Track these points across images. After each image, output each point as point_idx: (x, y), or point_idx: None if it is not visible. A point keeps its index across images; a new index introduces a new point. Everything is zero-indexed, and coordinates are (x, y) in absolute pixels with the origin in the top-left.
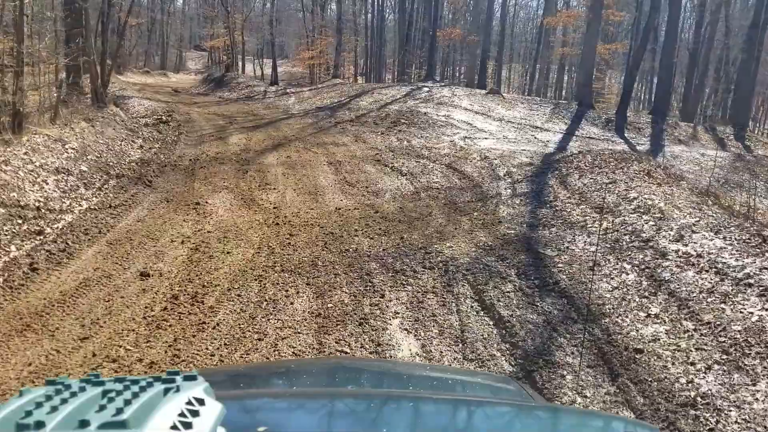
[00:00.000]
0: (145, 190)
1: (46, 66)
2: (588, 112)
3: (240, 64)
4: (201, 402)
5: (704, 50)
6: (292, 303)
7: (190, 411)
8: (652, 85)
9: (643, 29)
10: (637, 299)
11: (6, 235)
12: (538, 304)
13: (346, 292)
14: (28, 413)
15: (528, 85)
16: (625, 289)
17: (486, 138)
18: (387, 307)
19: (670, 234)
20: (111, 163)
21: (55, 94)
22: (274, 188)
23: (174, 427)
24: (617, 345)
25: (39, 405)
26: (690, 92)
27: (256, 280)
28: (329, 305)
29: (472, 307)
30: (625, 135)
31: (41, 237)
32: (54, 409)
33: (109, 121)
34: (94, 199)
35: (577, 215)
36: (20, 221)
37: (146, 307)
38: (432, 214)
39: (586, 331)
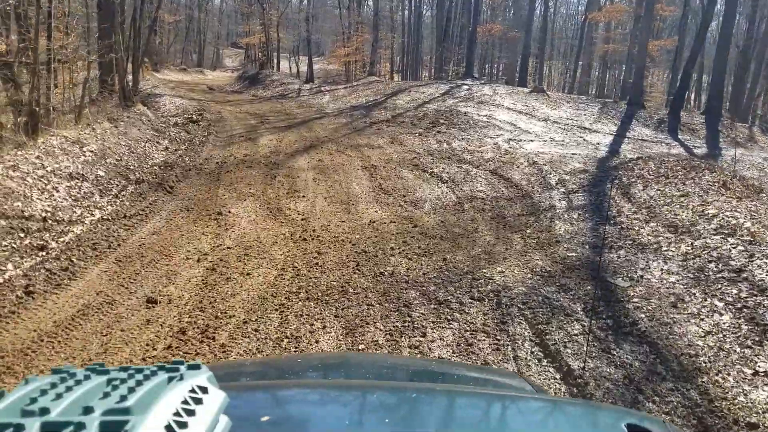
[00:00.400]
0: (165, 197)
1: (72, 64)
2: (638, 111)
3: (275, 61)
4: (204, 390)
5: (757, 47)
6: (317, 341)
7: (193, 399)
8: (699, 83)
9: (700, 24)
10: (739, 349)
11: (4, 251)
12: (615, 352)
13: (380, 329)
14: (33, 400)
15: (570, 82)
16: (720, 335)
17: (532, 140)
18: (430, 349)
19: (766, 263)
20: (131, 167)
21: (80, 93)
22: (304, 196)
23: (177, 414)
24: (723, 415)
25: (44, 392)
26: (741, 91)
27: (276, 310)
28: (361, 345)
29: (532, 353)
30: (680, 137)
31: (43, 253)
32: (59, 396)
33: (134, 121)
34: (108, 207)
35: (648, 235)
36: (22, 234)
37: (148, 345)
38: (478, 230)
39: (680, 394)
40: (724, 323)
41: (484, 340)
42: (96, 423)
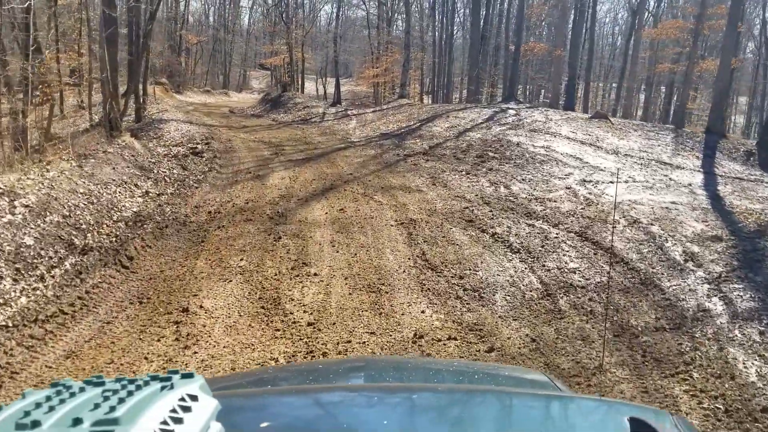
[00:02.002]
0: (116, 277)
1: (47, 86)
2: (719, 141)
3: (300, 82)
4: (194, 398)
5: None
6: None
7: (182, 407)
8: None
9: None
10: None
11: None
12: None
13: None
14: (27, 413)
15: (613, 105)
16: None
17: (611, 181)
18: None
19: None
20: (83, 226)
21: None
22: (315, 274)
23: (164, 422)
24: None
25: (38, 405)
26: None
27: None
28: None
29: None
30: None
31: None
32: (51, 409)
33: (112, 158)
34: (19, 301)
35: None
36: None
37: None
38: (602, 368)
39: None
40: None
41: None
42: None
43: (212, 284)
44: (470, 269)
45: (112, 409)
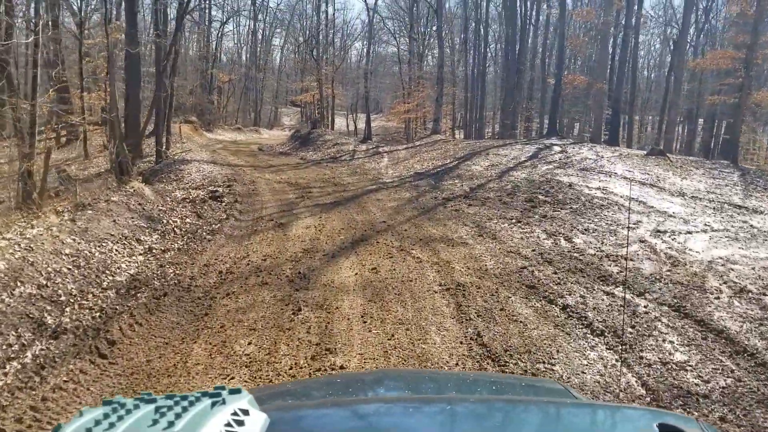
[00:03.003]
0: (88, 373)
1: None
2: None
3: (330, 119)
4: (246, 413)
5: None
6: None
7: (236, 421)
8: None
9: None
10: None
11: None
12: None
13: None
14: (89, 430)
15: (655, 139)
16: None
17: (688, 231)
18: None
19: None
20: (61, 299)
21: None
22: (342, 367)
23: None
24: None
25: (98, 423)
26: None
27: None
28: None
29: None
30: None
31: None
32: (111, 425)
33: (115, 208)
34: None
35: None
36: None
37: None
38: None
39: None
40: None
41: None
42: None
43: (208, 383)
44: (543, 361)
45: (171, 424)
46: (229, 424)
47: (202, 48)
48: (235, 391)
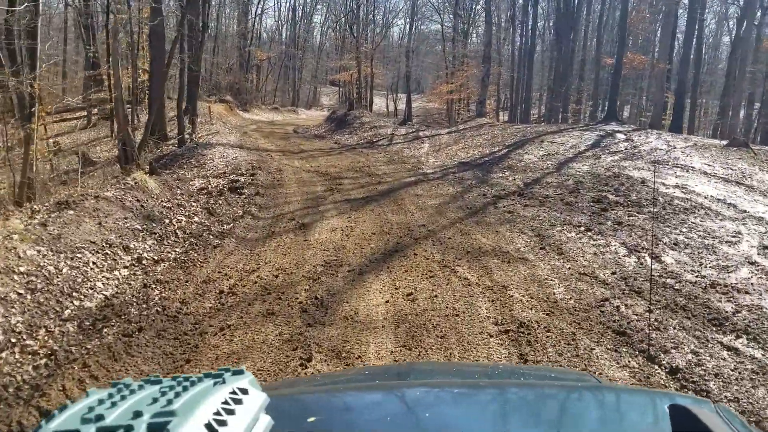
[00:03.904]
0: None
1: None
2: None
3: (368, 99)
4: (245, 392)
5: None
6: None
7: (233, 399)
8: None
9: None
10: None
11: None
12: None
13: None
14: (91, 409)
15: (717, 125)
16: None
17: None
18: None
19: None
20: None
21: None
22: None
23: (217, 413)
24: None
25: (101, 402)
26: None
27: None
28: None
29: None
30: None
31: None
32: (114, 404)
33: (104, 206)
34: None
35: None
36: None
37: None
38: None
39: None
40: None
41: None
42: (143, 425)
43: None
44: None
45: (169, 402)
46: (226, 402)
47: (241, 25)
48: (237, 372)
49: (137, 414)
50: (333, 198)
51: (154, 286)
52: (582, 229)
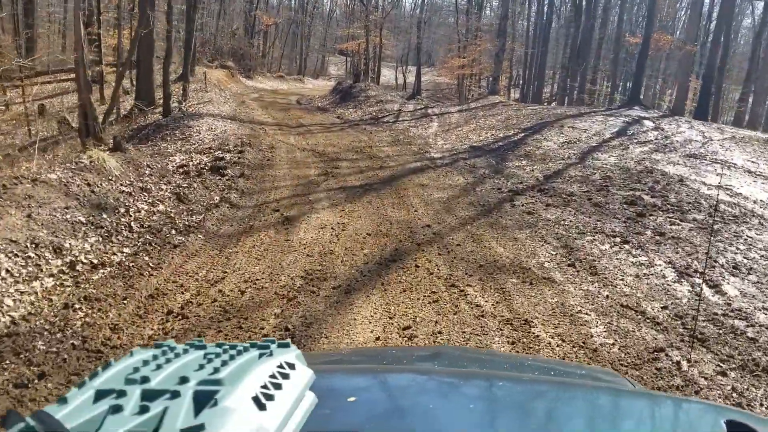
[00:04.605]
0: None
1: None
2: None
3: (376, 71)
4: (292, 366)
5: None
6: None
7: (281, 374)
8: None
9: None
10: None
11: None
12: None
13: None
14: (136, 370)
15: (741, 112)
16: None
17: None
18: None
19: None
20: None
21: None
22: None
23: (264, 386)
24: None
25: (146, 363)
26: None
27: None
28: None
29: None
30: None
31: None
32: (159, 367)
33: (41, 194)
34: None
35: None
36: None
37: None
38: None
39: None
40: None
41: None
42: (190, 392)
43: None
44: None
45: (216, 370)
46: (273, 376)
47: None
48: (283, 345)
49: (183, 379)
50: (327, 184)
51: (79, 305)
52: (617, 240)
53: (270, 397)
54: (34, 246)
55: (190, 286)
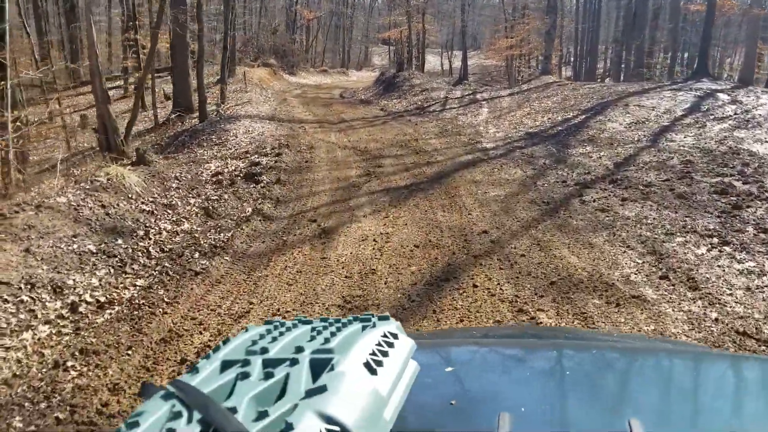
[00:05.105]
0: None
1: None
2: None
3: (421, 58)
4: (395, 336)
5: None
6: None
7: (386, 342)
8: None
9: None
10: None
11: None
12: None
13: None
14: (254, 342)
15: None
16: None
17: None
18: None
19: None
20: None
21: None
22: None
23: (373, 353)
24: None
25: (262, 337)
26: None
27: None
28: None
29: None
30: None
31: None
32: (274, 339)
33: (45, 222)
34: None
35: None
36: None
37: None
38: None
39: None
40: None
41: None
42: (307, 360)
43: None
44: None
45: (327, 340)
46: (379, 344)
47: None
48: (383, 318)
49: (299, 349)
50: (369, 186)
51: (72, 361)
52: (714, 240)
53: (379, 363)
54: (29, 287)
55: (210, 324)
